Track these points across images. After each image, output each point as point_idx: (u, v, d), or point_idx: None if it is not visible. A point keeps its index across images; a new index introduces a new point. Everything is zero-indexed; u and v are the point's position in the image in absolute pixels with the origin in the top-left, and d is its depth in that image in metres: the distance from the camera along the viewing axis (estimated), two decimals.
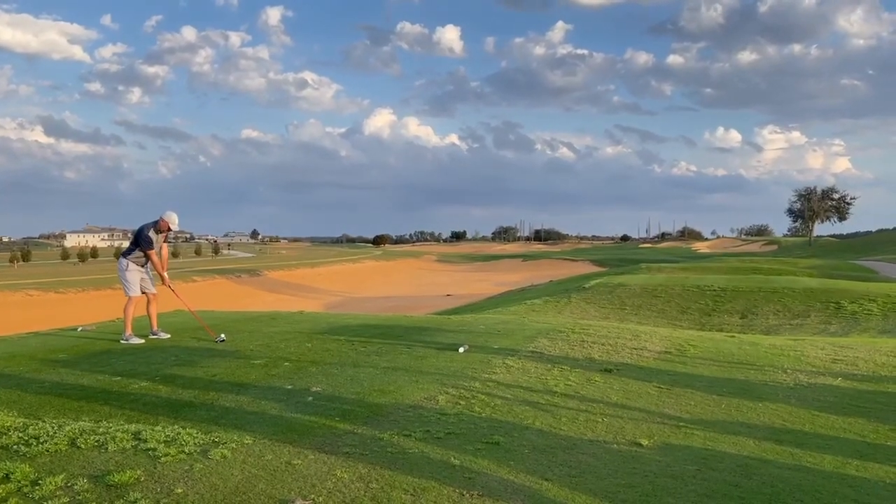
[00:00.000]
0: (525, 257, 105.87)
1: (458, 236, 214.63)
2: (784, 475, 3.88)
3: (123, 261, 8.46)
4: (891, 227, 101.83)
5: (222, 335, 8.19)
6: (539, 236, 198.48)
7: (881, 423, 5.12)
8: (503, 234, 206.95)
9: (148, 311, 8.59)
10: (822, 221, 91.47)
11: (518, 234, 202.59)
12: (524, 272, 73.45)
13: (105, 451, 3.79)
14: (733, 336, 10.39)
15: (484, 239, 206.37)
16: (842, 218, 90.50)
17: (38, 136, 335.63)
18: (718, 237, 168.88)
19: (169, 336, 8.39)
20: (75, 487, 3.27)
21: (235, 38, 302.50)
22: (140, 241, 8.26)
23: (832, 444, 4.56)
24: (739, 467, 4.00)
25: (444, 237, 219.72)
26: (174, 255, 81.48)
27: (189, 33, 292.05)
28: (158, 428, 4.26)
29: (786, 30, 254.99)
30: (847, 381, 6.63)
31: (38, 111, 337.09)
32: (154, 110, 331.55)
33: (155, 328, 8.50)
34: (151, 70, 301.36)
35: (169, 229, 8.42)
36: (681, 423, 4.95)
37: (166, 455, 3.71)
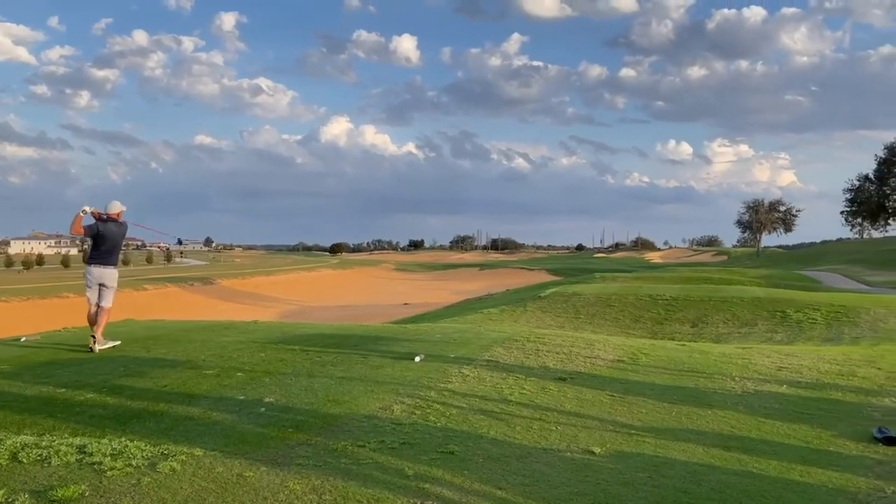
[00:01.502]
0: (482, 266, 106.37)
1: (415, 245, 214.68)
2: (731, 481, 3.97)
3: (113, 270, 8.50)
4: (834, 239, 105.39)
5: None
6: (496, 245, 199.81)
7: (824, 430, 5.29)
8: (461, 243, 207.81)
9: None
10: (770, 233, 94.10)
11: (475, 243, 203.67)
12: (482, 281, 73.76)
13: (48, 465, 3.68)
14: (684, 344, 10.61)
15: (442, 248, 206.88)
16: (788, 229, 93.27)
17: None
18: (671, 247, 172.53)
19: (114, 345, 8.16)
20: (16, 503, 3.16)
21: (188, 43, 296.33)
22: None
23: (777, 450, 4.69)
24: (689, 474, 4.08)
25: (401, 246, 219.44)
26: (125, 262, 79.52)
27: (140, 37, 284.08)
28: (105, 441, 4.14)
29: (732, 46, 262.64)
30: (792, 388, 6.83)
31: None
32: (103, 115, 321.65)
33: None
34: (101, 73, 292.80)
35: (100, 217, 8.35)
36: (633, 431, 5.03)
37: (112, 469, 3.61)
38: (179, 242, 10.67)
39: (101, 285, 8.36)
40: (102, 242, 8.36)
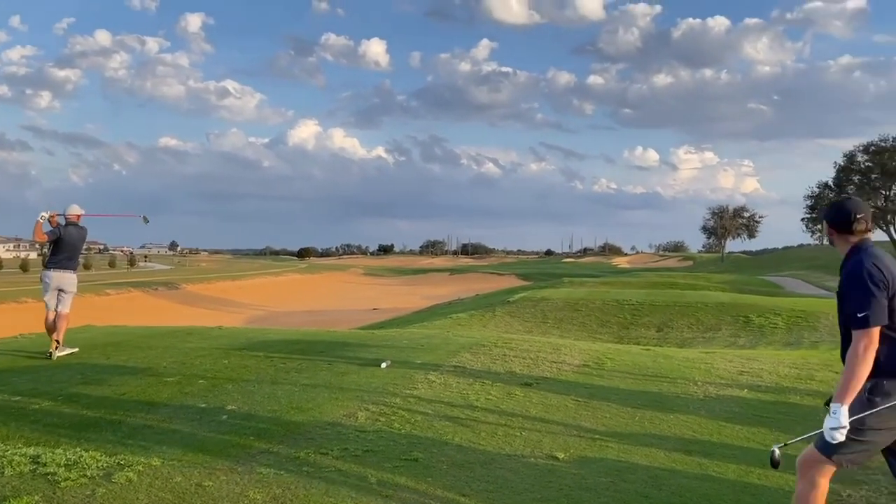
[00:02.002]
0: (452, 271, 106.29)
1: (385, 250, 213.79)
2: (691, 485, 4.02)
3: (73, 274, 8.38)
4: (796, 245, 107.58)
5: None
6: (466, 250, 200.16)
7: (782, 433, 5.37)
8: (431, 248, 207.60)
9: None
10: (734, 238, 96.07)
11: (446, 248, 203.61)
12: (452, 286, 73.74)
13: (1, 475, 3.58)
14: (649, 349, 10.72)
15: (412, 252, 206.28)
16: (751, 235, 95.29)
17: None
18: (637, 252, 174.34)
19: (72, 352, 7.98)
20: None
21: (153, 44, 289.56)
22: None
23: (737, 454, 4.76)
24: (651, 478, 4.12)
25: (371, 250, 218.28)
26: (86, 266, 77.93)
27: (103, 37, 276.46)
28: (59, 451, 4.05)
29: (697, 55, 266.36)
30: (752, 392, 6.94)
31: None
32: (65, 116, 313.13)
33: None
34: (62, 74, 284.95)
35: (58, 224, 8.20)
36: (596, 436, 5.07)
37: (67, 479, 3.53)
38: (146, 221, 10.59)
39: (59, 290, 8.18)
40: (62, 246, 8.19)
